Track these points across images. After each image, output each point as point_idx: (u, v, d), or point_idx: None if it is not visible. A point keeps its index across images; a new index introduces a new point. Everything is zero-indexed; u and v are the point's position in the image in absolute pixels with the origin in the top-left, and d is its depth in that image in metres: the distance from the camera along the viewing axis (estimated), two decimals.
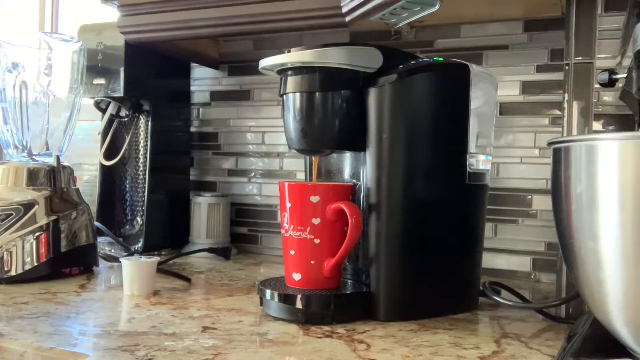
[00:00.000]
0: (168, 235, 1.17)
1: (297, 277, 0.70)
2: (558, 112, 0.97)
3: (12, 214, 0.87)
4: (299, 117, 0.70)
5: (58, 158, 0.93)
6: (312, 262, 0.69)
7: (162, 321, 0.66)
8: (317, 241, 0.69)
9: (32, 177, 0.90)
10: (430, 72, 0.70)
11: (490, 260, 1.00)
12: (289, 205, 0.70)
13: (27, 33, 1.44)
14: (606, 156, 0.45)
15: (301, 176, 1.17)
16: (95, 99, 1.12)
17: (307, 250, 0.69)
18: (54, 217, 0.89)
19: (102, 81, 1.08)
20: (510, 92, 1.01)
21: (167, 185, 1.17)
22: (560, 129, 0.71)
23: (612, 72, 0.66)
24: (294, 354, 0.56)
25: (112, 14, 1.08)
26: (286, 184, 0.71)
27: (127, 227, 1.18)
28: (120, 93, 1.07)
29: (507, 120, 1.01)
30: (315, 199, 0.68)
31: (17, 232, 0.86)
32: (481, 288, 0.75)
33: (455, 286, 0.73)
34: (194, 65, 1.26)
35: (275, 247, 1.20)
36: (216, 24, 0.97)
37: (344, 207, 0.67)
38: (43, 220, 0.88)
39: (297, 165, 1.18)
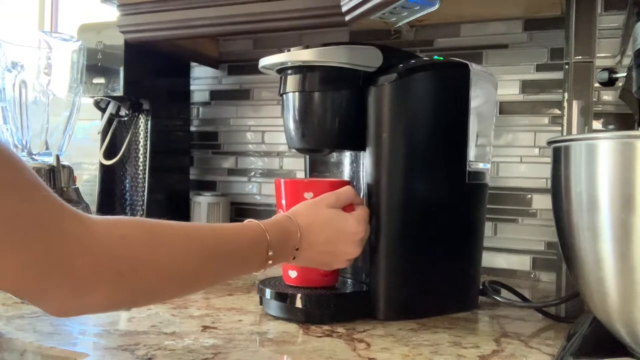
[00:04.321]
0: None
1: (292, 274, 0.70)
2: (557, 111, 0.97)
3: None
4: (299, 116, 0.70)
5: (57, 157, 0.93)
6: None
7: (161, 320, 0.66)
8: None
9: None
10: (429, 71, 0.70)
11: (489, 259, 1.00)
12: (283, 202, 0.70)
13: (27, 32, 1.44)
14: (606, 155, 0.45)
15: (301, 175, 1.17)
16: (95, 98, 1.12)
17: None
18: None
19: (101, 80, 1.08)
20: (509, 91, 1.01)
21: (167, 185, 1.17)
22: (560, 128, 0.71)
23: (611, 70, 0.66)
24: (294, 353, 0.56)
25: (111, 13, 1.08)
26: (282, 181, 0.71)
27: None
28: (119, 92, 1.07)
29: (506, 119, 1.01)
30: (308, 195, 0.68)
31: None
32: (481, 287, 0.75)
33: (454, 285, 0.73)
34: (193, 64, 1.26)
35: None
36: (216, 23, 0.97)
37: None
38: None
39: (296, 164, 1.18)
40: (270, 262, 0.57)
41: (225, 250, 0.54)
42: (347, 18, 0.83)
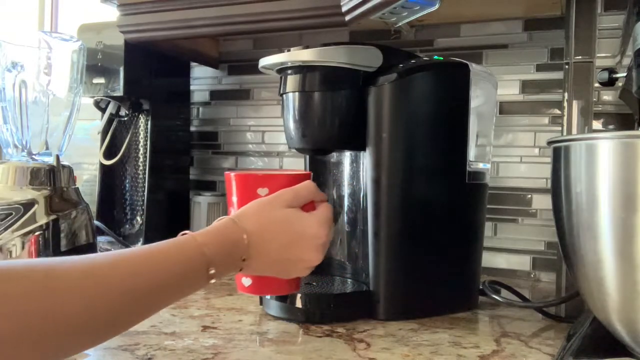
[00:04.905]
0: (167, 235, 1.14)
1: (246, 282, 0.61)
2: (557, 111, 0.97)
3: (11, 213, 0.87)
4: (299, 116, 0.70)
5: (57, 157, 0.93)
6: None
7: (161, 320, 0.66)
8: None
9: (32, 176, 0.90)
10: (429, 71, 0.70)
11: (489, 259, 1.00)
12: (234, 199, 0.60)
13: (27, 32, 1.44)
14: (606, 155, 0.45)
15: None
16: (95, 98, 1.12)
17: None
18: (53, 217, 0.89)
19: (101, 80, 1.08)
20: (509, 91, 1.01)
21: (167, 185, 1.17)
22: (560, 128, 0.71)
23: (611, 70, 0.66)
24: (294, 352, 0.56)
25: (111, 13, 1.08)
26: (232, 174, 0.61)
27: (127, 226, 1.18)
28: (119, 92, 1.07)
29: (506, 119, 1.01)
30: (262, 191, 0.58)
31: (17, 232, 0.86)
32: (481, 287, 0.75)
33: (454, 285, 0.73)
34: (193, 64, 1.26)
35: None
36: (216, 23, 0.97)
37: None
38: (42, 220, 0.88)
39: (297, 164, 1.18)
40: (213, 280, 0.50)
41: (151, 283, 0.45)
42: (347, 18, 0.83)
